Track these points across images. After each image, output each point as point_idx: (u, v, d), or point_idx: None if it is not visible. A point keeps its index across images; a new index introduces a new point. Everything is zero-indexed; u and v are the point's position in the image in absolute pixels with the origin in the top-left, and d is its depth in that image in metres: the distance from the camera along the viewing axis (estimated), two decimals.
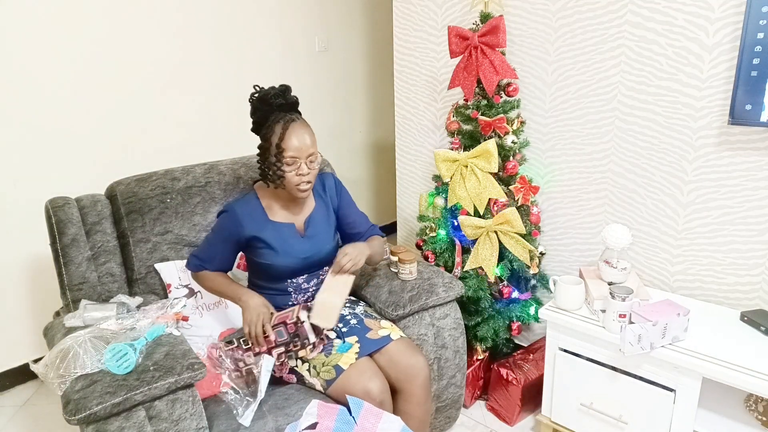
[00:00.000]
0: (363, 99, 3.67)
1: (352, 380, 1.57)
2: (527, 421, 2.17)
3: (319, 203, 1.82)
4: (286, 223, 1.74)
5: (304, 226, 1.77)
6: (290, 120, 1.64)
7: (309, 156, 1.64)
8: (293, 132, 1.63)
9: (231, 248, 1.73)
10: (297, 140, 1.62)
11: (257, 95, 1.68)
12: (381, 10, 3.59)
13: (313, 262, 1.77)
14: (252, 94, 1.69)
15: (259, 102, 1.67)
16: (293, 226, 1.75)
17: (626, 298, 1.65)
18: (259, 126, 1.70)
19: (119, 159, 2.58)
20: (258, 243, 1.70)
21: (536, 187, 2.09)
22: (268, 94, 1.66)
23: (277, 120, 1.64)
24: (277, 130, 1.63)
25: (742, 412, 1.68)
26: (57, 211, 1.77)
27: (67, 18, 2.34)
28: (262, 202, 1.74)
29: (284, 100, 1.67)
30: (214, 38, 2.83)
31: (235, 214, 1.69)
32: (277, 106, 1.66)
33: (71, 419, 1.29)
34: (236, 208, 1.70)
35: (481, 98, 2.07)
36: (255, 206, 1.72)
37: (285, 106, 1.67)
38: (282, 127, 1.63)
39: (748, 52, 1.59)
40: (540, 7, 2.06)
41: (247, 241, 1.70)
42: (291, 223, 1.75)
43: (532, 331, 2.38)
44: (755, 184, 1.74)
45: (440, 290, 1.86)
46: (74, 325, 1.58)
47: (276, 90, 1.67)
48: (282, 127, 1.63)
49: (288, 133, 1.62)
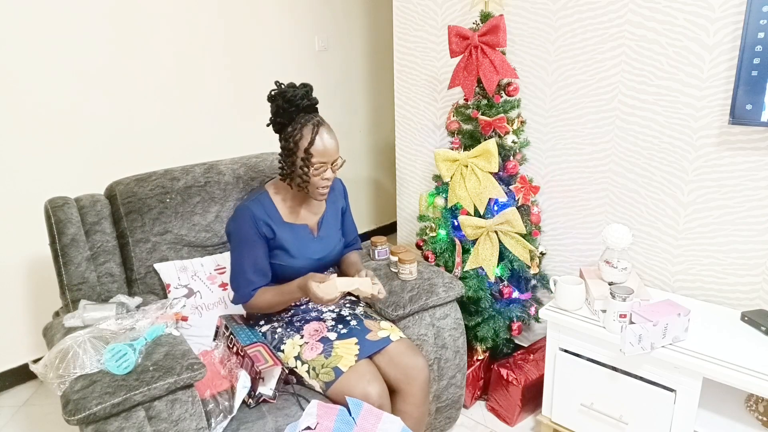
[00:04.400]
0: (363, 99, 3.67)
1: (351, 383, 1.56)
2: (527, 422, 2.17)
3: (329, 204, 1.82)
4: (300, 225, 1.73)
5: (318, 226, 1.77)
6: (318, 124, 1.62)
7: (334, 161, 1.64)
8: (322, 138, 1.61)
9: (264, 246, 1.68)
10: (326, 146, 1.61)
11: (282, 95, 1.63)
12: (381, 9, 3.59)
13: (324, 263, 1.77)
14: (276, 94, 1.64)
15: (286, 102, 1.62)
16: (307, 227, 1.75)
17: (627, 298, 1.65)
18: (281, 125, 1.65)
19: (119, 159, 2.58)
20: (273, 245, 1.69)
21: (536, 187, 2.09)
22: (295, 96, 1.62)
23: (305, 123, 1.61)
24: (306, 135, 1.60)
25: (742, 412, 1.67)
26: (56, 211, 1.77)
27: (67, 18, 2.34)
28: (276, 202, 1.72)
29: (309, 101, 1.64)
30: (214, 38, 2.82)
31: (251, 213, 1.66)
32: (303, 108, 1.63)
33: (71, 419, 1.29)
34: (251, 207, 1.66)
35: (482, 98, 2.06)
36: (269, 207, 1.70)
37: (310, 108, 1.65)
38: (311, 131, 1.60)
39: (749, 52, 1.59)
40: (540, 6, 2.06)
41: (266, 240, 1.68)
42: (305, 224, 1.75)
43: (533, 331, 2.38)
44: (756, 183, 1.74)
45: (440, 290, 1.86)
46: (74, 325, 1.58)
47: (302, 91, 1.63)
48: (311, 131, 1.60)
49: (317, 139, 1.60)
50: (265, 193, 1.73)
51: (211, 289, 1.86)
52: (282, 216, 1.71)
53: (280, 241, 1.68)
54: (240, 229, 1.66)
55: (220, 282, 1.88)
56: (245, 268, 1.67)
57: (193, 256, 1.91)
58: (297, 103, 1.62)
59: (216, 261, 1.91)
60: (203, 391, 1.52)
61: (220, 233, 1.95)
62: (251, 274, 1.67)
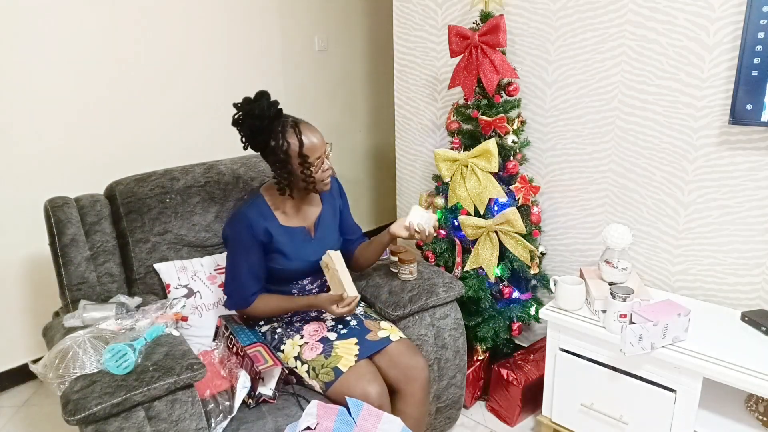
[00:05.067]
0: (363, 99, 3.67)
1: (350, 383, 1.56)
2: (528, 422, 2.16)
3: (326, 205, 1.81)
4: (297, 228, 1.73)
5: (314, 227, 1.76)
6: (296, 124, 1.59)
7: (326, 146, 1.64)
8: (307, 135, 1.59)
9: (260, 253, 1.67)
10: (315, 141, 1.60)
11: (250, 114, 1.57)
12: (381, 9, 3.59)
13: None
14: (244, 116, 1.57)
15: (257, 119, 1.57)
16: (304, 229, 1.74)
17: (627, 298, 1.65)
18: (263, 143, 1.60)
19: (119, 159, 2.57)
20: (271, 249, 1.68)
21: (537, 187, 2.09)
22: (263, 108, 1.57)
23: (284, 129, 1.58)
24: (292, 140, 1.57)
25: (742, 412, 1.67)
26: (56, 211, 1.76)
27: (67, 17, 2.33)
28: (272, 206, 1.70)
29: (275, 107, 1.60)
30: (214, 38, 2.82)
31: (248, 220, 1.64)
32: (274, 116, 1.60)
33: (70, 419, 1.29)
34: (248, 214, 1.65)
35: (482, 98, 2.06)
36: (266, 212, 1.69)
37: (278, 113, 1.61)
38: (295, 134, 1.57)
39: (749, 52, 1.59)
40: (540, 6, 2.06)
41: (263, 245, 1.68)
42: (302, 226, 1.74)
43: (533, 331, 2.38)
44: (756, 183, 1.74)
45: (440, 290, 1.86)
46: (73, 326, 1.58)
47: (266, 101, 1.58)
48: (295, 134, 1.57)
49: (304, 138, 1.58)
50: (261, 197, 1.71)
51: (211, 289, 1.86)
52: (279, 220, 1.70)
53: (277, 245, 1.68)
54: (237, 235, 1.66)
55: (219, 282, 1.88)
56: (241, 275, 1.67)
57: (193, 256, 1.91)
58: (267, 114, 1.58)
59: (216, 261, 1.91)
60: (203, 391, 1.52)
61: (219, 233, 1.94)
62: (246, 281, 1.67)
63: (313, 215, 1.78)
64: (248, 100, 1.60)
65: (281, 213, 1.71)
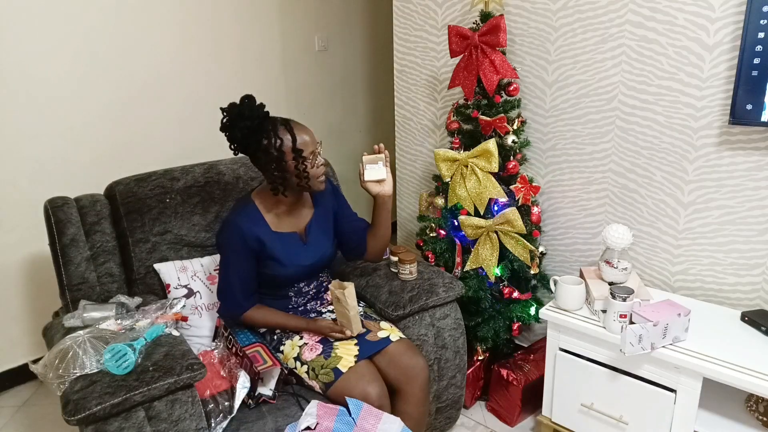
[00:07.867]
0: (363, 99, 3.67)
1: (350, 384, 1.56)
2: (528, 422, 2.16)
3: (317, 208, 1.80)
4: (289, 233, 1.72)
5: (306, 232, 1.76)
6: (286, 122, 1.61)
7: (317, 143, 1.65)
8: (299, 131, 1.61)
9: (252, 260, 1.66)
10: (306, 134, 1.62)
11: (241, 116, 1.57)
12: (381, 9, 3.59)
13: (316, 268, 1.76)
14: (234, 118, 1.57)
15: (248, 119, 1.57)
16: (296, 235, 1.73)
17: (627, 299, 1.65)
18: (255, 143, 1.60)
19: (119, 159, 2.57)
20: (264, 256, 1.68)
21: (537, 187, 2.09)
22: (252, 109, 1.58)
23: (275, 127, 1.59)
24: (285, 136, 1.58)
25: (742, 412, 1.67)
26: (56, 211, 1.76)
27: (66, 17, 2.33)
28: (263, 212, 1.69)
29: (263, 107, 1.61)
30: (214, 38, 2.82)
31: (239, 228, 1.62)
32: (264, 116, 1.61)
33: (70, 420, 1.29)
34: (238, 222, 1.63)
35: (482, 98, 2.06)
36: (257, 219, 1.67)
37: (266, 113, 1.63)
38: (286, 131, 1.59)
39: (749, 52, 1.59)
40: (540, 6, 2.06)
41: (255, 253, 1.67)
42: (294, 231, 1.74)
43: (533, 331, 2.38)
44: (756, 183, 1.74)
45: (440, 290, 1.86)
46: (73, 326, 1.58)
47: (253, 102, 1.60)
48: (286, 131, 1.59)
49: (296, 134, 1.59)
50: (252, 204, 1.69)
51: (211, 289, 1.86)
52: (270, 226, 1.68)
53: (269, 252, 1.67)
54: (228, 243, 1.65)
55: None
56: (234, 281, 1.66)
57: (193, 256, 1.91)
58: (258, 114, 1.59)
59: (216, 261, 1.91)
60: (203, 392, 1.52)
61: None
62: (239, 287, 1.67)
63: (305, 220, 1.76)
64: (235, 104, 1.60)
65: (273, 218, 1.69)
